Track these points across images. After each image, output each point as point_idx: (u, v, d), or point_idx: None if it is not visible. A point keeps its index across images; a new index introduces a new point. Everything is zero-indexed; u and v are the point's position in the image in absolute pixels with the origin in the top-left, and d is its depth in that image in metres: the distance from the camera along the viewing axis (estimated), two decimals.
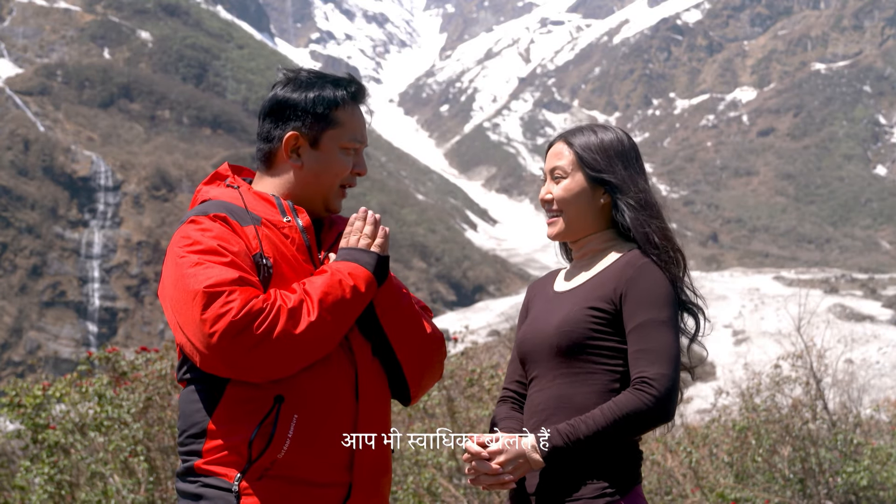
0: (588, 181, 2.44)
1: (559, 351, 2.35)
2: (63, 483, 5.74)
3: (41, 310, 67.08)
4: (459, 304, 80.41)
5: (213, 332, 2.09)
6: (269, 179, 2.40)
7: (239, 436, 2.17)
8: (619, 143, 2.47)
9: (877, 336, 54.81)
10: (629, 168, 2.45)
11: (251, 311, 2.10)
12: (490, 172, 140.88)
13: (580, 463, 2.28)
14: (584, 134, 2.49)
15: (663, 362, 2.26)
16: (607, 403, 2.26)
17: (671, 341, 2.29)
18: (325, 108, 2.36)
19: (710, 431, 8.17)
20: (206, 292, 2.11)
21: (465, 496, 6.39)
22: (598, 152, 2.44)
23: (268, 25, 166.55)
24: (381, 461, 2.31)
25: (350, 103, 2.40)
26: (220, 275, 2.14)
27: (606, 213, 2.46)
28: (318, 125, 2.36)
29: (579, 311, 2.35)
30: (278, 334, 2.12)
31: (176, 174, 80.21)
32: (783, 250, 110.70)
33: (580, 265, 2.49)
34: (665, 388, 2.24)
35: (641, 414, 2.23)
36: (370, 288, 2.26)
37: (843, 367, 9.45)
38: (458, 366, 6.85)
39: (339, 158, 2.38)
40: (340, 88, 2.39)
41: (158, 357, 5.90)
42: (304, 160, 2.37)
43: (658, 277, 2.34)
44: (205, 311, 2.10)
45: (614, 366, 2.33)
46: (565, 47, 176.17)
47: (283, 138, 2.36)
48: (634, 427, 2.24)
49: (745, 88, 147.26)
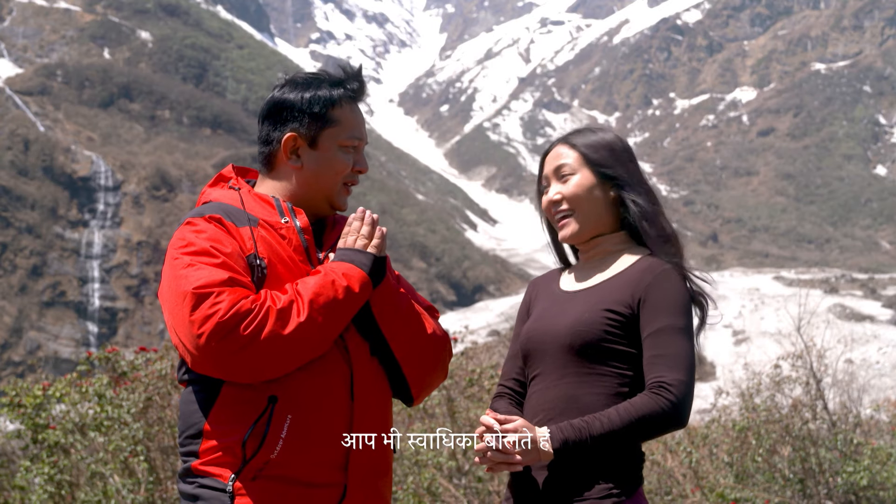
0: (596, 177, 2.44)
1: (571, 350, 2.34)
2: (63, 483, 5.75)
3: (41, 310, 67.09)
4: (459, 304, 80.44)
5: (200, 333, 2.10)
6: (271, 181, 2.40)
7: (233, 436, 2.17)
8: (619, 142, 2.50)
9: (877, 336, 54.85)
10: (633, 165, 2.48)
11: (239, 312, 2.10)
12: (490, 172, 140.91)
13: (586, 463, 2.27)
14: (583, 134, 2.50)
15: (681, 368, 2.26)
16: (623, 404, 2.25)
17: (688, 349, 2.29)
18: (322, 107, 2.36)
19: (710, 431, 8.17)
20: (194, 293, 2.11)
21: (465, 496, 6.39)
22: (603, 149, 2.46)
23: (268, 25, 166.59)
24: (380, 462, 2.30)
25: (348, 101, 2.39)
26: (210, 276, 2.14)
27: (616, 210, 2.46)
28: (316, 125, 2.35)
29: (595, 312, 2.34)
30: (266, 335, 2.11)
31: (176, 174, 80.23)
32: (783, 250, 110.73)
33: (591, 266, 2.48)
34: (682, 393, 2.24)
35: (657, 417, 2.23)
36: (365, 288, 2.25)
37: (843, 367, 9.45)
38: (458, 366, 6.86)
39: (339, 157, 2.37)
40: (337, 87, 2.38)
41: (158, 357, 5.90)
42: (304, 161, 2.37)
43: (677, 285, 2.34)
44: (193, 313, 2.10)
45: (623, 369, 2.33)
46: (565, 47, 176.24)
47: (282, 140, 2.36)
48: (648, 430, 2.24)
49: (745, 88, 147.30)
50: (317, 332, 2.17)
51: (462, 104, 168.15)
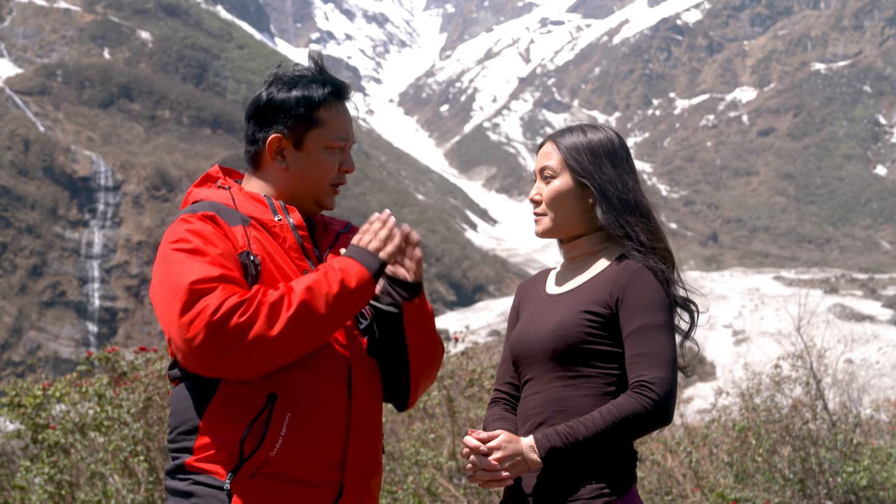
0: (575, 182, 2.45)
1: (554, 354, 2.36)
2: (63, 483, 5.74)
3: (41, 310, 67.11)
4: (459, 304, 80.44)
5: (189, 329, 2.08)
6: (258, 181, 2.38)
7: (230, 433, 2.16)
8: (609, 143, 2.47)
9: (877, 336, 54.86)
10: (618, 167, 2.45)
11: (228, 309, 2.08)
12: (490, 172, 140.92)
13: (577, 464, 2.28)
14: (573, 134, 2.49)
15: (661, 366, 2.27)
16: (606, 406, 2.27)
17: (668, 345, 2.30)
18: (307, 108, 2.33)
19: (710, 431, 8.17)
20: (185, 290, 2.10)
21: (465, 496, 6.39)
22: (586, 153, 2.45)
23: (268, 25, 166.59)
24: (373, 461, 2.30)
25: (333, 101, 2.36)
26: (200, 272, 2.13)
27: (595, 213, 2.46)
28: (301, 126, 2.33)
29: (575, 314, 2.36)
30: (256, 330, 2.09)
31: (176, 174, 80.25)
32: (783, 250, 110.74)
33: (572, 268, 2.50)
34: (664, 391, 2.25)
35: (641, 417, 2.24)
36: (365, 286, 2.21)
37: (843, 367, 9.45)
38: (458, 366, 6.86)
39: (325, 158, 2.35)
40: (322, 87, 2.35)
41: (158, 357, 5.90)
42: (290, 162, 2.35)
43: (653, 283, 2.35)
44: (182, 309, 2.09)
45: (609, 369, 2.34)
46: (565, 47, 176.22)
47: (267, 141, 2.34)
48: (633, 430, 2.26)
49: (745, 88, 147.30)
50: (308, 326, 2.14)
51: (462, 104, 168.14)
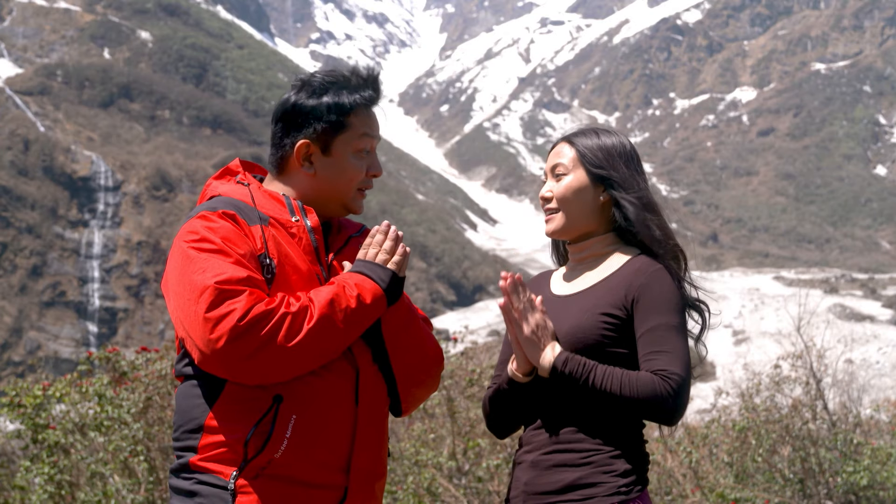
0: (589, 178, 2.46)
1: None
2: (63, 483, 5.74)
3: (41, 310, 67.10)
4: (459, 304, 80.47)
5: (214, 330, 2.08)
6: (280, 184, 2.38)
7: (236, 433, 2.15)
8: (621, 146, 2.50)
9: (877, 336, 54.85)
10: (630, 168, 2.48)
11: (255, 316, 2.08)
12: (490, 172, 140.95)
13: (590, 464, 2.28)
14: (586, 135, 2.52)
15: (679, 364, 2.27)
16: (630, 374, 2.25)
17: (683, 346, 2.30)
18: (338, 115, 2.33)
19: (710, 431, 8.17)
20: (212, 288, 2.09)
21: (465, 496, 6.39)
22: (600, 151, 2.47)
23: (268, 25, 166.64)
24: (378, 465, 2.30)
25: (363, 107, 2.36)
26: (227, 272, 2.12)
27: (606, 213, 2.47)
28: (330, 132, 2.33)
29: (592, 316, 2.35)
30: (280, 341, 2.09)
31: (176, 174, 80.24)
32: (783, 250, 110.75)
33: (582, 268, 2.49)
34: (681, 387, 2.24)
35: (653, 401, 2.23)
36: (378, 303, 2.23)
37: (843, 367, 9.46)
38: (458, 366, 6.86)
39: (352, 163, 2.35)
40: (354, 93, 2.35)
41: (158, 357, 5.90)
42: (317, 168, 2.34)
43: (669, 284, 2.35)
44: (208, 311, 2.08)
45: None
46: (565, 47, 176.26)
47: (295, 146, 2.34)
48: (640, 408, 2.24)
49: (745, 88, 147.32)
50: (327, 340, 2.15)
51: (462, 104, 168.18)
